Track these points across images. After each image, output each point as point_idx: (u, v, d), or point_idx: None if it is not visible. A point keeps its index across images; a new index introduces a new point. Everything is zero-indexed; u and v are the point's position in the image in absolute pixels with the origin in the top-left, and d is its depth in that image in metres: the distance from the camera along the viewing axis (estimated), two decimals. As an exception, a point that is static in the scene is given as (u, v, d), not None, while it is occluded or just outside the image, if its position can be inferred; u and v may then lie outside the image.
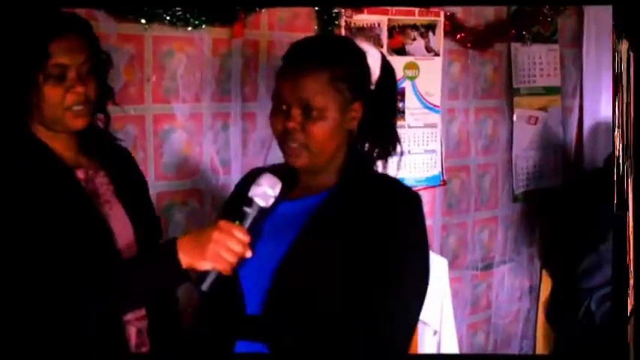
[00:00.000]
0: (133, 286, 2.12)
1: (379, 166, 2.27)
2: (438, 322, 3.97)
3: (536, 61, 4.77)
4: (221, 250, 2.00)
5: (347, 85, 2.14)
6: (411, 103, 4.06)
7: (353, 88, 2.15)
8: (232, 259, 2.02)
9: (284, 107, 2.13)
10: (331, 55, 2.16)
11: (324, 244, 2.09)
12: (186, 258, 2.02)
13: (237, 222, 2.03)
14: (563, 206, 4.67)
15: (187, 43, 3.27)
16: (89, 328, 2.17)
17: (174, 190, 3.26)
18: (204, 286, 2.02)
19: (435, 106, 4.19)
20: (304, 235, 2.12)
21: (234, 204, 2.24)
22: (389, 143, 2.27)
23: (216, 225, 2.03)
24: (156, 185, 3.21)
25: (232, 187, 2.46)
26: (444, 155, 4.30)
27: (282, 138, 2.14)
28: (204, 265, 2.02)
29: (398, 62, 3.34)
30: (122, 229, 2.31)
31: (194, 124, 3.34)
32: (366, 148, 2.26)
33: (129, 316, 2.29)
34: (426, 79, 4.12)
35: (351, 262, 2.06)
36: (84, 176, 2.30)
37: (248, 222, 2.04)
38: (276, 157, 2.24)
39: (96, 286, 2.09)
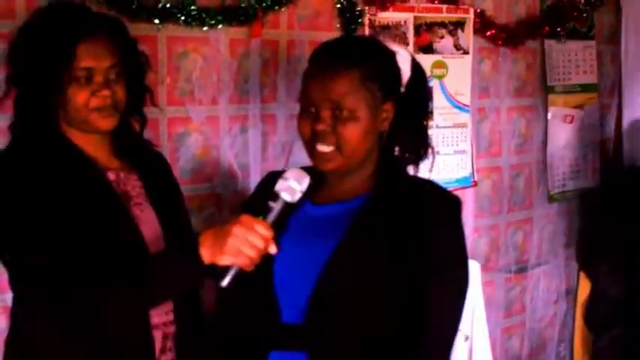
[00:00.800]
0: (157, 282, 2.07)
1: (411, 169, 2.26)
2: (470, 326, 3.92)
3: (572, 58, 4.69)
4: (241, 245, 1.95)
5: (378, 85, 2.11)
6: (439, 102, 3.98)
7: (384, 88, 2.13)
8: (253, 254, 1.96)
9: (312, 109, 2.10)
10: (361, 55, 2.13)
11: (369, 248, 2.06)
12: (207, 253, 1.98)
13: (260, 217, 1.98)
14: (602, 206, 4.61)
15: (203, 44, 3.21)
16: (115, 328, 2.14)
17: (191, 195, 3.17)
18: (224, 282, 1.97)
19: (465, 105, 4.11)
20: (349, 240, 2.08)
21: (252, 204, 2.22)
22: (420, 147, 2.24)
23: (237, 219, 1.98)
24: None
25: (251, 192, 2.44)
26: (474, 156, 4.22)
27: (311, 141, 2.12)
28: (224, 260, 1.97)
29: (425, 61, 3.26)
30: (151, 231, 2.30)
31: (211, 128, 3.29)
32: (396, 152, 2.23)
33: (156, 320, 2.27)
34: (454, 77, 4.04)
35: (395, 266, 2.03)
36: (115, 177, 2.31)
37: (272, 216, 2.00)
38: (298, 161, 2.19)
39: (121, 280, 2.05)
